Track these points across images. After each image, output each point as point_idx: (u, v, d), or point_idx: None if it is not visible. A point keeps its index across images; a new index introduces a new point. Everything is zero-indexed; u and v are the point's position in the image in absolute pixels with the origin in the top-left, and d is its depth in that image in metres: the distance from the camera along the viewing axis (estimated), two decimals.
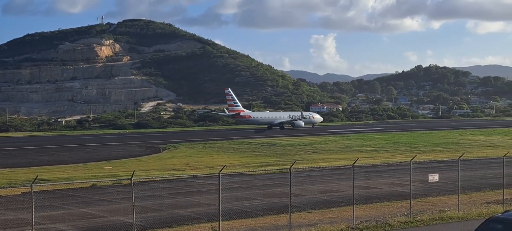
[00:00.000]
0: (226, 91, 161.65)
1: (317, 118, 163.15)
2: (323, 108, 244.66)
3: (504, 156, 39.63)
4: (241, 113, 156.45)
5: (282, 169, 55.85)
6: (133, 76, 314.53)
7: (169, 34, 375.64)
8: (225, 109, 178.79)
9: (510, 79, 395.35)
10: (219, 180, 28.17)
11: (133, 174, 27.17)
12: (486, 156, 70.87)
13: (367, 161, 67.77)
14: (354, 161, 33.77)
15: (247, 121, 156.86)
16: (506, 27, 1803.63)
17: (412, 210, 33.64)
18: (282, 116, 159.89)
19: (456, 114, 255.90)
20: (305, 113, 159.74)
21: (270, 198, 40.68)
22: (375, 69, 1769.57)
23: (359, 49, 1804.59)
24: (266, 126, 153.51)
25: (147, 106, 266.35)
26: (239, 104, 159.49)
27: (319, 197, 41.23)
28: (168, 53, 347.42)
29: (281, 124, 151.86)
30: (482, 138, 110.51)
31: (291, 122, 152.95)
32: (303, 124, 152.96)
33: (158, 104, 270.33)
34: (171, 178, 51.39)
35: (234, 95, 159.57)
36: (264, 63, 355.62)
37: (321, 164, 65.17)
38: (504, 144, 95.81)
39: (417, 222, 32.02)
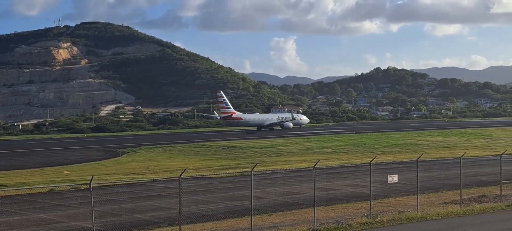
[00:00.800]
0: (218, 94, 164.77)
1: (304, 119, 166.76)
2: (284, 110, 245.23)
3: (462, 156, 40.26)
4: (233, 115, 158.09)
5: (243, 171, 55.74)
6: (91, 80, 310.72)
7: (128, 37, 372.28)
8: (214, 111, 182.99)
9: (467, 81, 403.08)
10: (179, 183, 27.92)
11: (92, 179, 26.75)
12: (443, 157, 71.93)
13: (327, 162, 68.14)
14: (315, 163, 33.88)
15: (238, 122, 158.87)
16: (463, 29, 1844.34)
17: (372, 211, 33.90)
18: (272, 117, 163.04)
19: (414, 115, 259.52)
20: (294, 115, 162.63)
21: (232, 201, 40.54)
22: (335, 71, 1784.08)
23: (319, 52, 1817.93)
24: (256, 127, 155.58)
25: (106, 110, 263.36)
26: (231, 106, 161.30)
27: (281, 199, 41.27)
28: (127, 56, 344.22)
29: (271, 125, 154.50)
30: (439, 138, 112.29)
31: (281, 123, 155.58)
32: (292, 125, 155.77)
33: (117, 107, 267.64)
34: (130, 182, 50.81)
35: (226, 98, 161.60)
36: (224, 66, 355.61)
37: (283, 166, 65.32)
38: (461, 144, 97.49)
39: (377, 223, 32.26)
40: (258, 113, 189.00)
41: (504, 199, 39.55)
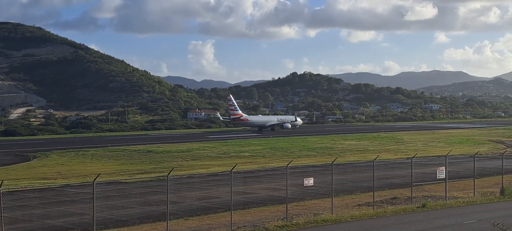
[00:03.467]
0: (228, 97, 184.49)
1: (299, 121, 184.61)
2: (201, 114, 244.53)
3: (374, 160, 41.28)
4: (241, 117, 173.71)
5: (159, 176, 55.12)
6: (0, 82, 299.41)
7: (40, 38, 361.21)
8: (218, 113, 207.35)
9: (379, 86, 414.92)
10: (93, 188, 27.30)
11: (1, 184, 25.66)
12: (357, 160, 73.64)
13: (245, 166, 68.37)
14: (232, 167, 33.86)
15: (245, 123, 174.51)
16: (377, 36, 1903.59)
17: (288, 214, 34.18)
18: (272, 119, 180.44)
19: (329, 120, 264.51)
20: (291, 118, 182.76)
21: (147, 206, 39.95)
22: (253, 75, 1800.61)
23: (238, 56, 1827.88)
24: (258, 128, 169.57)
25: (16, 113, 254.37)
26: (238, 109, 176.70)
27: (197, 203, 41.02)
28: (38, 57, 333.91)
29: (272, 126, 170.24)
30: (354, 142, 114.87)
31: (280, 124, 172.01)
32: (290, 126, 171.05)
33: (27, 110, 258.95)
34: (42, 187, 49.19)
35: (234, 101, 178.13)
36: (141, 69, 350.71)
37: (199, 171, 65.03)
38: (374, 148, 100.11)
39: (293, 226, 32.57)
40: (261, 115, 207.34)
41: (415, 201, 40.82)
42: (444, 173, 42.60)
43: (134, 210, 38.67)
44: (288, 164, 36.17)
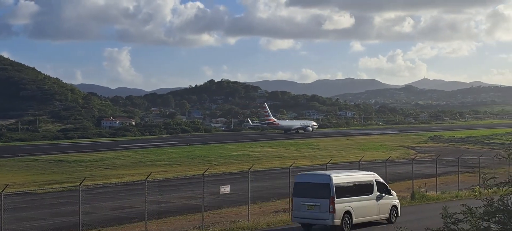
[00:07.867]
0: (263, 105, 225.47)
1: (316, 125, 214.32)
2: (115, 122, 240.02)
3: (290, 166, 41.57)
4: (274, 122, 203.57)
5: (72, 186, 53.42)
6: None
7: None
8: (248, 119, 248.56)
9: (296, 93, 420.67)
10: (1, 200, 26.14)
11: None
12: (274, 167, 74.06)
13: (160, 175, 67.44)
14: (147, 176, 33.26)
15: (276, 127, 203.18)
16: (296, 44, 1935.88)
17: (204, 222, 33.89)
18: (296, 123, 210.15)
19: (247, 127, 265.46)
20: (310, 122, 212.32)
21: (59, 217, 38.75)
22: (171, 83, 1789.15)
23: (155, 63, 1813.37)
24: (284, 131, 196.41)
25: None
26: (271, 115, 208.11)
27: (111, 214, 40.12)
28: None
29: (297, 129, 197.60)
30: (271, 149, 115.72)
31: (304, 128, 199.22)
32: (311, 129, 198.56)
33: None
34: None
35: (268, 109, 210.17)
36: (54, 76, 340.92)
37: (113, 180, 63.61)
38: (290, 154, 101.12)
39: None
40: (287, 120, 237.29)
41: None
42: None
43: (45, 221, 37.40)
44: (204, 172, 35.89)
